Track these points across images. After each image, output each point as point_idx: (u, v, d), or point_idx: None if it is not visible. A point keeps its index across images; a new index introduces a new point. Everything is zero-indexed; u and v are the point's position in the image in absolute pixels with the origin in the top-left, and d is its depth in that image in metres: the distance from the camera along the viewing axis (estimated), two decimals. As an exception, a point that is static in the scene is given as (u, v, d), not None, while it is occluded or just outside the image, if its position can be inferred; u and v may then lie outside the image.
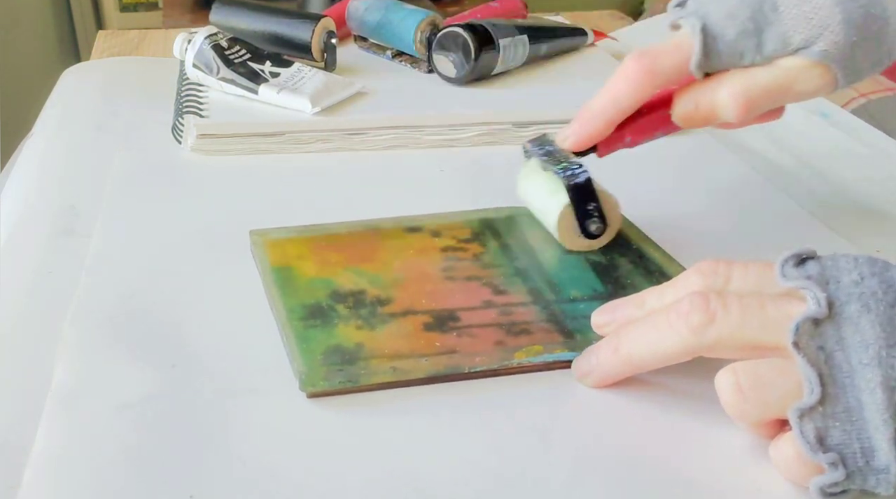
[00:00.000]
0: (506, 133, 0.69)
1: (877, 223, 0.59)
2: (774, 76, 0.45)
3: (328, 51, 0.78)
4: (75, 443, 0.38)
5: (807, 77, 0.44)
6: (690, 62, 0.45)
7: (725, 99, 0.45)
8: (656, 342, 0.38)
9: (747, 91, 0.45)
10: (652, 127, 0.49)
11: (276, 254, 0.50)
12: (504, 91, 0.75)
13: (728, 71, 0.46)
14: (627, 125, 0.48)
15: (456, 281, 0.48)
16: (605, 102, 0.47)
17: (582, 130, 0.48)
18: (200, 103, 0.70)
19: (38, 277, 0.50)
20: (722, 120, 0.46)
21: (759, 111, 0.46)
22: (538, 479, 0.37)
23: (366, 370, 0.41)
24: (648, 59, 0.46)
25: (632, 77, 0.46)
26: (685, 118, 0.47)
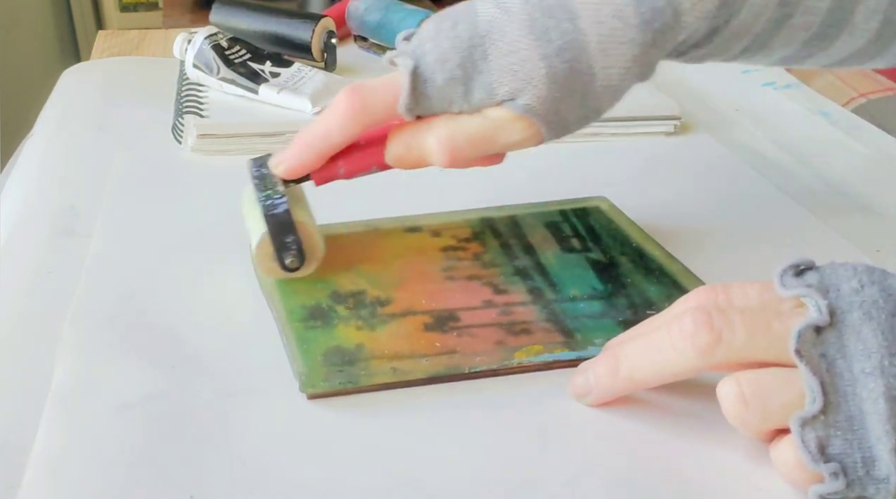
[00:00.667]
0: (506, 133, 0.69)
1: (877, 223, 0.59)
2: (479, 125, 0.44)
3: (328, 51, 0.78)
4: (75, 443, 0.38)
5: (511, 129, 0.44)
6: (398, 104, 0.44)
7: (432, 145, 0.44)
8: (660, 364, 0.37)
9: (453, 138, 0.44)
10: (367, 162, 0.47)
11: (276, 254, 0.50)
12: (504, 91, 0.75)
13: (438, 116, 0.45)
14: (343, 157, 0.47)
15: (456, 281, 0.48)
16: (317, 135, 0.46)
17: (293, 160, 0.47)
18: (200, 103, 0.70)
19: (38, 277, 0.50)
20: (431, 164, 0.46)
21: (466, 158, 0.45)
22: (538, 479, 0.37)
23: (366, 371, 0.41)
24: (359, 97, 0.45)
25: (342, 113, 0.45)
26: (397, 159, 0.46)
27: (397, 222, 0.54)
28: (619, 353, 0.39)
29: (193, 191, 0.60)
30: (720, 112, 0.77)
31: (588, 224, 0.54)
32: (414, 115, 0.45)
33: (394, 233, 0.53)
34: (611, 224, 0.54)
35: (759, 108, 0.77)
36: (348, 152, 0.47)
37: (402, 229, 0.53)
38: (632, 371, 0.38)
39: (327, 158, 0.47)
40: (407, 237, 0.52)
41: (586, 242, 0.52)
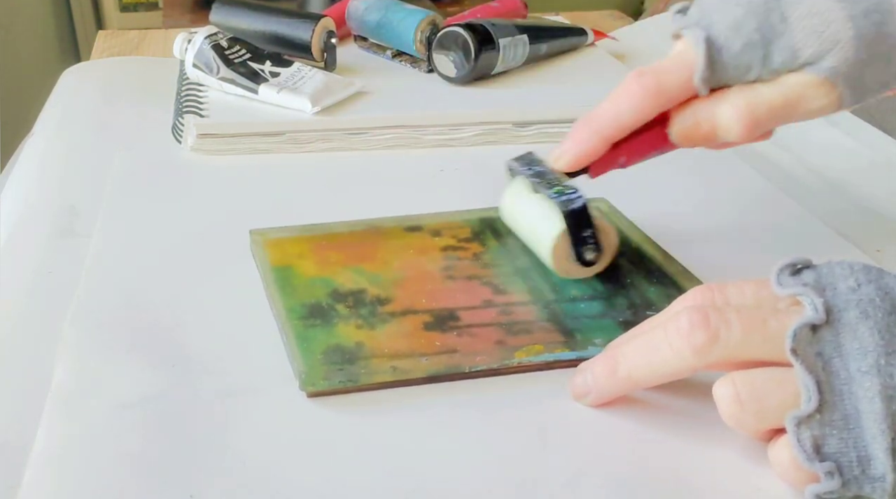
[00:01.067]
0: (506, 133, 0.69)
1: (877, 223, 0.59)
2: (780, 93, 0.42)
3: (328, 51, 0.78)
4: (75, 443, 0.38)
5: (813, 95, 0.42)
6: (694, 76, 0.43)
7: (729, 117, 0.43)
8: (658, 363, 0.37)
9: (752, 109, 0.43)
10: (648, 147, 0.46)
11: (276, 253, 0.50)
12: (504, 91, 0.75)
13: (730, 87, 0.44)
14: (622, 145, 0.46)
15: (456, 280, 0.48)
16: (606, 121, 0.45)
17: (577, 149, 0.45)
18: (200, 103, 0.70)
19: (38, 277, 0.50)
20: (723, 139, 0.44)
21: (763, 130, 0.44)
22: (538, 479, 0.37)
23: (366, 370, 0.41)
24: (652, 77, 0.43)
25: (636, 95, 0.44)
26: (684, 136, 0.45)
27: (397, 222, 0.54)
28: (618, 353, 0.39)
29: (193, 191, 0.60)
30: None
31: (588, 224, 0.54)
32: (709, 88, 0.43)
33: (394, 232, 0.53)
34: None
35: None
36: (627, 140, 0.45)
37: (403, 229, 0.53)
38: (630, 371, 0.38)
39: (611, 146, 0.45)
40: (407, 237, 0.52)
41: (586, 241, 0.52)
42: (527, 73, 0.79)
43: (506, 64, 0.77)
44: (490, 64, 0.76)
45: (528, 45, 0.78)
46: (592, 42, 0.87)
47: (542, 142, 0.69)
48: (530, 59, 0.80)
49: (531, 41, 0.79)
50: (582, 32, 0.86)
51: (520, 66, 0.80)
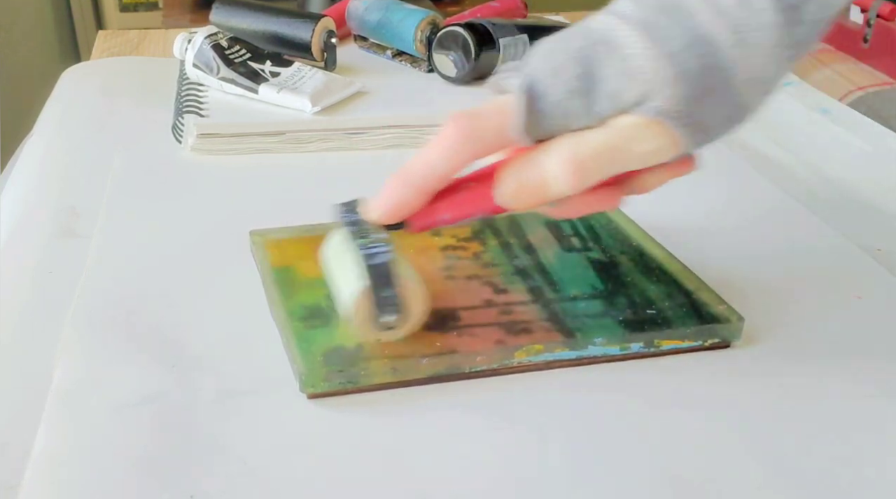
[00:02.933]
0: (506, 132, 0.69)
1: (877, 221, 0.59)
2: (608, 137, 0.39)
3: (328, 50, 0.78)
4: (75, 443, 0.38)
5: (643, 137, 0.38)
6: (513, 125, 0.39)
7: (554, 168, 0.39)
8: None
9: (577, 156, 0.39)
10: (472, 205, 0.42)
11: (276, 254, 0.50)
12: (504, 90, 0.75)
13: (556, 137, 0.40)
14: (444, 199, 0.42)
15: (456, 280, 0.48)
16: (418, 170, 0.41)
17: (390, 201, 0.42)
18: (200, 103, 0.70)
19: (39, 277, 0.50)
20: (553, 194, 0.40)
21: (594, 179, 0.40)
22: (538, 479, 0.37)
23: (366, 371, 0.41)
24: (466, 122, 0.40)
25: (449, 141, 0.40)
26: (512, 196, 0.41)
27: (397, 222, 0.53)
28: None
29: (193, 191, 0.60)
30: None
31: (588, 223, 0.54)
32: (530, 139, 0.40)
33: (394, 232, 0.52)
34: (611, 223, 0.54)
35: (759, 108, 0.77)
36: (451, 195, 0.42)
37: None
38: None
39: (429, 198, 0.42)
40: (407, 237, 0.52)
41: (586, 241, 0.52)
42: (527, 73, 0.79)
43: (506, 64, 0.77)
44: (490, 64, 0.76)
45: (528, 44, 0.78)
46: (592, 41, 0.87)
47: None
48: (530, 59, 0.80)
49: (531, 41, 0.79)
50: (582, 32, 0.86)
51: (520, 66, 0.79)
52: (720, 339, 0.45)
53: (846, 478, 0.37)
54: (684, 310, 0.45)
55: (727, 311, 0.45)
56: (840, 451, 0.39)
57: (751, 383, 0.43)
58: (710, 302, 0.46)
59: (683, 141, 0.39)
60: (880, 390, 0.42)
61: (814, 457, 0.38)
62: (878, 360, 0.45)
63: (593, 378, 0.43)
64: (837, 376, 0.43)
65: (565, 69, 0.39)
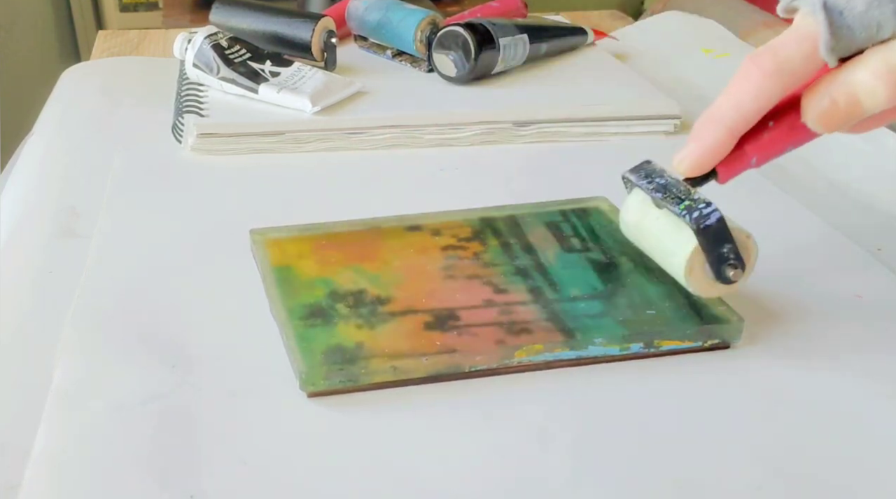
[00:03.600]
0: (505, 132, 0.69)
1: (877, 221, 0.59)
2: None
3: (328, 50, 0.78)
4: (75, 443, 0.38)
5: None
6: (819, 46, 0.38)
7: (868, 81, 0.38)
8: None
9: (892, 65, 0.37)
10: (780, 140, 0.41)
11: (276, 253, 0.50)
12: (504, 90, 0.75)
13: (863, 53, 0.39)
14: (750, 140, 0.41)
15: (456, 280, 0.48)
16: (726, 112, 0.40)
17: (700, 149, 0.41)
18: (200, 103, 0.70)
19: (39, 277, 0.50)
20: (869, 110, 0.39)
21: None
22: (538, 479, 0.37)
23: (366, 370, 0.41)
24: (770, 56, 0.39)
25: (754, 79, 0.40)
26: (823, 119, 0.40)
27: (397, 221, 0.53)
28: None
29: (193, 191, 0.60)
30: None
31: (588, 224, 0.54)
32: (837, 58, 0.39)
33: (394, 232, 0.52)
34: (611, 224, 0.54)
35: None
36: (755, 135, 0.41)
37: (403, 228, 0.53)
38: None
39: (737, 140, 0.41)
40: (407, 236, 0.52)
41: (586, 241, 0.52)
42: (527, 73, 0.79)
43: (506, 64, 0.77)
44: (490, 64, 0.76)
45: (528, 44, 0.78)
46: (592, 42, 0.87)
47: (542, 142, 0.70)
48: (530, 59, 0.80)
49: (531, 41, 0.79)
50: (582, 32, 0.86)
51: (520, 66, 0.79)
52: (720, 340, 0.45)
53: (846, 478, 0.37)
54: (684, 311, 0.45)
55: (727, 311, 0.45)
56: (840, 451, 0.39)
57: (751, 384, 0.43)
58: (709, 303, 0.46)
59: None
60: (881, 390, 0.42)
61: (814, 457, 0.38)
62: (879, 360, 0.45)
63: (593, 378, 0.43)
64: (838, 376, 0.43)
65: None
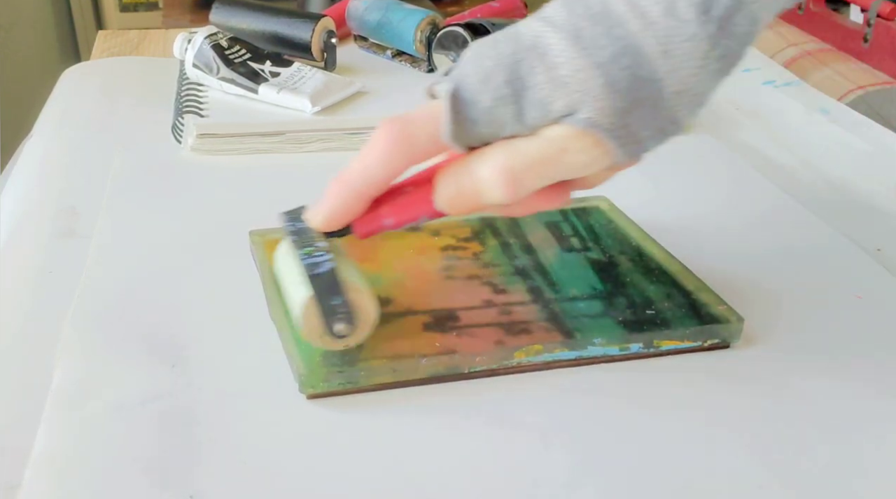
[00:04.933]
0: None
1: (877, 221, 0.59)
2: (539, 147, 0.38)
3: (328, 50, 0.78)
4: (75, 443, 0.38)
5: (576, 147, 0.38)
6: (441, 131, 0.39)
7: (488, 176, 0.39)
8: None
9: (510, 165, 0.38)
10: (414, 209, 0.42)
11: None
12: (504, 90, 0.75)
13: (491, 145, 0.39)
14: (385, 204, 0.42)
15: (456, 280, 0.48)
16: (355, 175, 0.41)
17: (329, 208, 0.42)
18: (200, 103, 0.70)
19: (39, 277, 0.50)
20: (489, 202, 0.40)
21: (529, 188, 0.39)
22: (538, 479, 0.37)
23: (365, 371, 0.41)
24: (399, 127, 0.40)
25: (383, 147, 0.40)
26: (449, 202, 0.41)
27: (397, 222, 0.53)
28: None
29: (193, 191, 0.60)
30: (720, 111, 0.77)
31: (588, 224, 0.54)
32: (461, 145, 0.39)
33: (393, 232, 0.52)
34: (611, 224, 0.54)
35: (759, 107, 0.77)
36: (392, 199, 0.42)
37: (402, 228, 0.53)
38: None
39: (368, 203, 0.42)
40: (406, 237, 0.52)
41: (586, 241, 0.52)
42: (527, 73, 0.79)
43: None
44: (490, 64, 0.75)
45: (527, 44, 0.78)
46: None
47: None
48: (530, 59, 0.80)
49: (531, 41, 0.79)
50: (582, 32, 0.86)
51: (520, 66, 0.79)
52: (720, 339, 0.45)
53: (846, 478, 0.37)
54: (684, 310, 0.45)
55: (727, 311, 0.45)
56: (840, 451, 0.39)
57: (750, 384, 0.43)
58: (709, 302, 0.46)
59: (615, 152, 0.38)
60: (880, 390, 0.42)
61: (813, 457, 0.38)
62: (879, 360, 0.45)
63: (593, 378, 0.43)
64: (837, 376, 0.43)
65: (494, 75, 0.38)
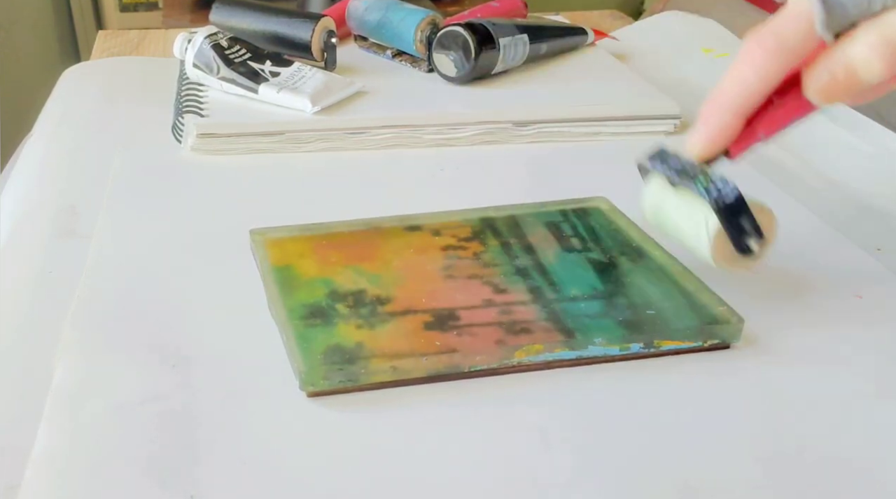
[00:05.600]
0: (505, 132, 0.69)
1: (878, 221, 0.59)
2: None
3: (328, 50, 0.78)
4: (75, 443, 0.38)
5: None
6: (815, 23, 0.40)
7: (864, 54, 0.40)
8: None
9: (886, 38, 0.39)
10: (786, 115, 0.43)
11: (276, 253, 0.50)
12: (504, 90, 0.75)
13: (857, 27, 0.40)
14: (758, 117, 0.43)
15: (456, 280, 0.48)
16: (733, 94, 0.42)
17: (710, 132, 0.43)
18: (200, 103, 0.70)
19: (39, 277, 0.50)
20: (866, 81, 0.40)
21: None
22: (538, 479, 0.37)
23: (366, 370, 0.41)
24: (770, 36, 0.41)
25: (757, 59, 0.41)
26: (823, 93, 0.42)
27: (397, 221, 0.53)
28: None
29: (193, 191, 0.60)
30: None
31: (588, 224, 0.54)
32: (833, 32, 0.41)
33: (394, 232, 0.52)
34: (611, 224, 0.54)
35: (759, 108, 0.77)
36: (762, 112, 0.43)
37: (403, 228, 0.53)
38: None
39: (746, 120, 0.43)
40: (407, 236, 0.52)
41: (586, 241, 0.52)
42: (527, 73, 0.79)
43: (506, 64, 0.77)
44: (490, 64, 0.76)
45: (528, 44, 0.78)
46: (592, 42, 0.87)
47: (542, 141, 0.70)
48: (530, 59, 0.80)
49: (531, 41, 0.79)
50: (582, 32, 0.86)
51: (520, 66, 0.79)
52: (720, 340, 0.45)
53: (846, 478, 0.37)
54: (684, 311, 0.45)
55: (727, 312, 0.45)
56: (839, 451, 0.39)
57: (751, 384, 0.43)
58: (709, 303, 0.46)
59: None
60: (880, 391, 0.42)
61: (813, 457, 0.38)
62: (878, 360, 0.45)
63: (593, 378, 0.43)
64: (837, 376, 0.43)
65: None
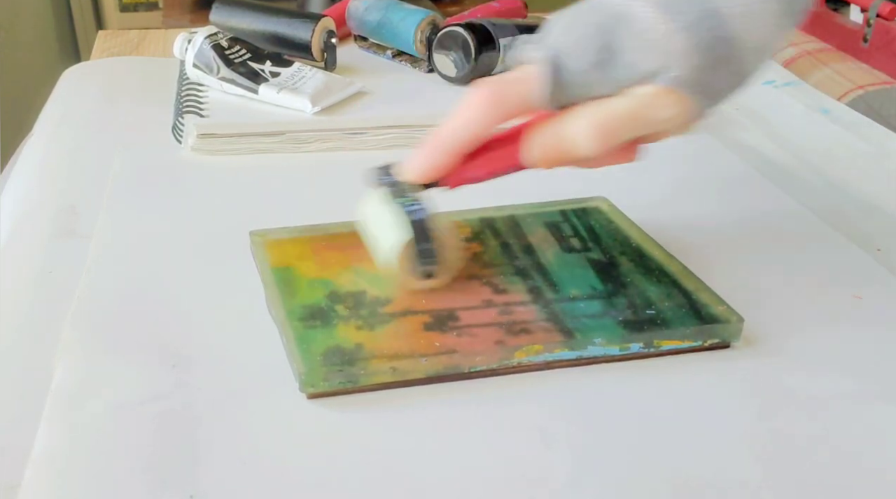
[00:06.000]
0: (506, 132, 0.69)
1: (877, 221, 0.59)
2: (629, 104, 0.43)
3: (328, 50, 0.78)
4: (75, 443, 0.38)
5: (662, 104, 0.42)
6: (538, 94, 0.43)
7: (581, 129, 0.43)
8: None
9: (602, 120, 0.43)
10: (502, 162, 0.46)
11: (276, 254, 0.50)
12: (504, 90, 0.75)
13: (581, 103, 0.43)
14: (477, 158, 0.46)
15: (456, 280, 0.48)
16: (450, 133, 0.45)
17: (423, 162, 0.46)
18: (200, 103, 0.70)
19: (39, 277, 0.50)
20: (579, 155, 0.44)
21: (617, 141, 0.43)
22: (538, 479, 0.37)
23: (365, 371, 0.41)
24: (494, 89, 0.44)
25: (477, 106, 0.44)
26: (540, 155, 0.45)
27: (397, 222, 0.53)
28: None
29: (193, 191, 0.60)
30: (720, 111, 0.77)
31: (588, 224, 0.54)
32: (555, 105, 0.44)
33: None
34: (611, 224, 0.54)
35: (759, 107, 0.77)
36: (483, 154, 0.46)
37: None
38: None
39: (459, 158, 0.46)
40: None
41: (586, 242, 0.52)
42: (527, 73, 0.79)
43: (506, 64, 0.77)
44: (490, 64, 0.76)
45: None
46: (592, 42, 0.87)
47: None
48: (530, 59, 0.80)
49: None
50: (582, 32, 0.86)
51: (520, 66, 0.79)
52: (720, 339, 0.45)
53: (846, 479, 0.37)
54: (684, 310, 0.45)
55: (727, 311, 0.45)
56: (840, 451, 0.39)
57: (750, 384, 0.43)
58: (709, 302, 0.46)
59: (695, 107, 0.43)
60: (880, 391, 0.42)
61: (813, 457, 0.38)
62: (878, 360, 0.45)
63: (593, 378, 0.43)
64: (837, 376, 0.43)
65: (586, 41, 0.42)
